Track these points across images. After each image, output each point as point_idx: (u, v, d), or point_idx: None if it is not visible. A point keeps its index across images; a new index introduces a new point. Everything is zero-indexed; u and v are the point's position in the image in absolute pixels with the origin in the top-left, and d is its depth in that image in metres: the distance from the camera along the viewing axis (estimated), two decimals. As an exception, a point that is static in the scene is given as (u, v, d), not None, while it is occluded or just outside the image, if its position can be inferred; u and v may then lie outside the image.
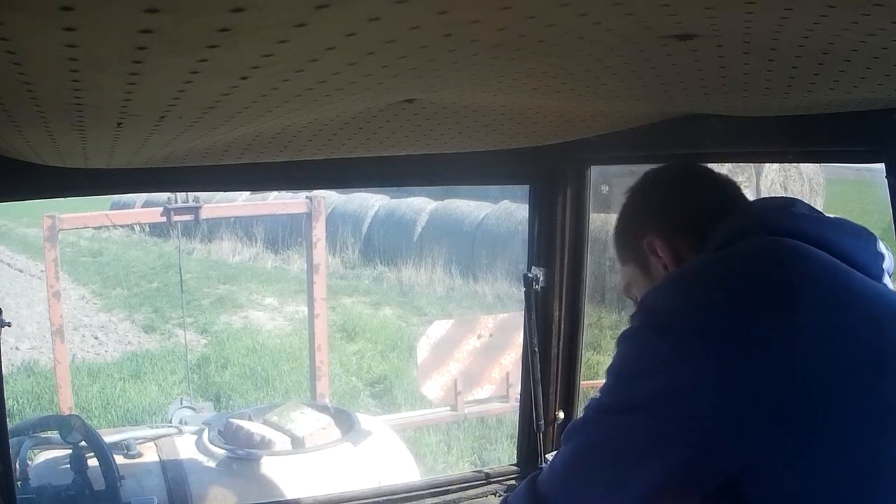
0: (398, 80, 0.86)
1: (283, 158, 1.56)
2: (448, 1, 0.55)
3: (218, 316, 10.85)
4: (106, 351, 9.71)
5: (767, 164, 10.55)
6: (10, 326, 1.68)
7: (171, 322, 10.63)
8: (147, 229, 15.96)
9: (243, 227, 14.20)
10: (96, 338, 10.17)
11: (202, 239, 14.69)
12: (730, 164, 10.25)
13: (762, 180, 10.84)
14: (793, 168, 10.95)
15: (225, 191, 5.30)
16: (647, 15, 0.66)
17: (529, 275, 2.03)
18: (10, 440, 1.68)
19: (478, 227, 11.73)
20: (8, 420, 1.67)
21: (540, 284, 2.01)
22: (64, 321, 4.76)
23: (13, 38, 0.50)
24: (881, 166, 1.25)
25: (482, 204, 12.12)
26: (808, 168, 11.05)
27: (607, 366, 1.13)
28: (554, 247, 2.02)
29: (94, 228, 16.23)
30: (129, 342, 10.06)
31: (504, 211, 11.61)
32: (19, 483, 2.79)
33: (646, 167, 1.38)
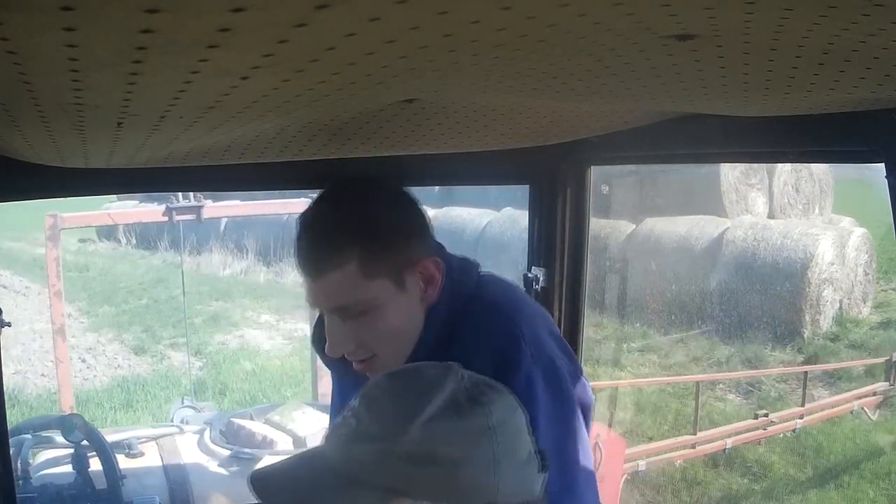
0: (398, 80, 0.86)
1: (283, 158, 1.56)
2: (448, 1, 0.55)
3: (212, 335, 10.27)
4: (94, 376, 9.02)
5: (780, 167, 10.43)
6: (10, 326, 1.68)
7: (163, 342, 10.00)
8: (134, 241, 15.02)
9: (233, 239, 13.40)
10: (83, 360, 9.47)
11: (191, 251, 13.74)
12: (743, 167, 10.18)
13: (775, 181, 10.68)
14: (804, 170, 10.86)
15: (225, 191, 5.30)
16: (647, 15, 0.67)
17: (529, 275, 2.03)
18: (11, 439, 1.68)
19: (480, 236, 11.40)
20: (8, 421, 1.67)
21: (540, 285, 2.01)
22: (65, 320, 4.76)
23: (13, 38, 0.51)
24: (881, 166, 1.25)
25: (484, 211, 11.73)
26: (818, 170, 10.99)
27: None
28: (554, 247, 2.02)
29: (80, 241, 15.52)
30: (118, 365, 9.39)
31: (508, 218, 11.34)
32: (21, 482, 2.79)
33: (646, 167, 1.38)
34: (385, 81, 0.85)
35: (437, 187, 9.60)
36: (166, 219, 4.52)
